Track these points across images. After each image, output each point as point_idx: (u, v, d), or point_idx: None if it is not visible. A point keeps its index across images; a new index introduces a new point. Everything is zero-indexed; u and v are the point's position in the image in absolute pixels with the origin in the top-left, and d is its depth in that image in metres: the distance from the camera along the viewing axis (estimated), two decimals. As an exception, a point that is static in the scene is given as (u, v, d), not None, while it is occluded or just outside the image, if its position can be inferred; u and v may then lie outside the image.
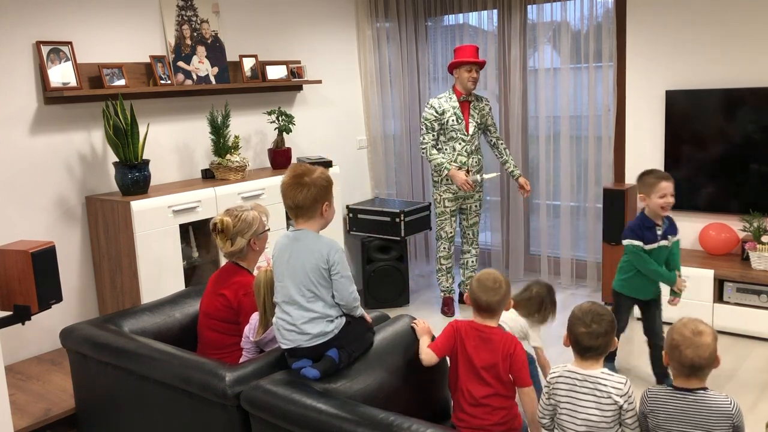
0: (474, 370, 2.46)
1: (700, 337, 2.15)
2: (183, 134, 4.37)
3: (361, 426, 1.98)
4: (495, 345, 2.45)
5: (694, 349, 2.13)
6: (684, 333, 2.17)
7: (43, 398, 3.16)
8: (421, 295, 5.39)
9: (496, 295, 2.49)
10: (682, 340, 2.16)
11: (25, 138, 3.64)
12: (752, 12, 4.37)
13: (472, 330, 2.51)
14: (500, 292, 2.50)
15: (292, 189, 2.38)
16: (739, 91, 4.43)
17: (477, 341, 2.47)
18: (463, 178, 4.59)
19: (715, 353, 2.16)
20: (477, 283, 2.53)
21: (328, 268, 2.34)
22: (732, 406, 2.12)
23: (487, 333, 2.48)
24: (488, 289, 2.49)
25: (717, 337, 2.19)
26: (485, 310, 2.50)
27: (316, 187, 2.37)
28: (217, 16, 4.49)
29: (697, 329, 2.16)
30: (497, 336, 2.48)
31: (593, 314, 2.26)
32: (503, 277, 2.56)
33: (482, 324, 2.51)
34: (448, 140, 4.70)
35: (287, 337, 2.37)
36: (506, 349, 2.44)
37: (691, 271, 4.35)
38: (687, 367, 2.16)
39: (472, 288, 2.55)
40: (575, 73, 5.20)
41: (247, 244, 2.83)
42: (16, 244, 2.82)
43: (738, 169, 4.49)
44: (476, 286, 2.53)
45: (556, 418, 2.29)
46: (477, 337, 2.48)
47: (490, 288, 2.49)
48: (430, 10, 5.84)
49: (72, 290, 3.86)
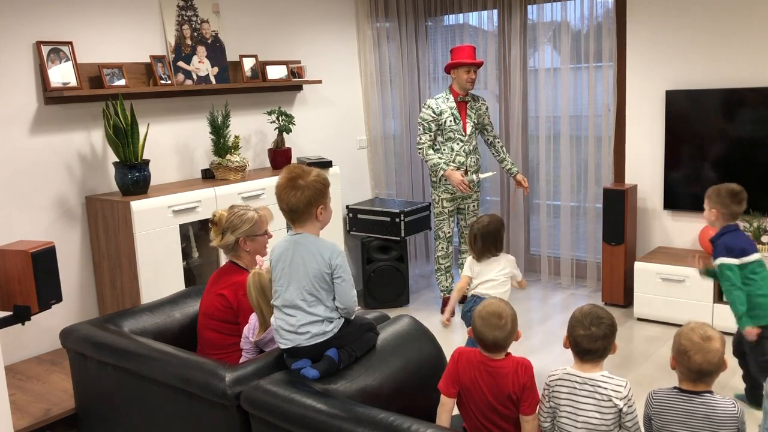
0: (485, 403, 2.32)
1: (709, 342, 2.13)
2: (183, 134, 4.37)
3: (361, 426, 1.98)
4: (506, 378, 2.29)
5: (703, 354, 2.12)
6: (692, 338, 2.15)
7: (43, 398, 3.16)
8: (421, 295, 5.39)
9: (502, 332, 2.30)
10: (690, 345, 2.14)
11: (25, 138, 3.64)
12: (752, 12, 4.37)
13: (479, 364, 2.34)
14: (506, 328, 2.30)
15: (286, 192, 2.34)
16: (739, 91, 4.43)
17: (486, 376, 2.31)
18: (459, 179, 4.58)
19: (723, 357, 2.15)
20: (481, 321, 2.32)
21: (331, 273, 2.33)
22: (737, 411, 2.11)
23: (495, 367, 2.32)
24: (493, 326, 2.30)
25: (725, 341, 2.18)
26: (492, 347, 2.33)
27: (310, 190, 2.33)
28: (217, 16, 4.49)
29: (706, 334, 2.15)
30: (508, 368, 2.31)
31: (593, 317, 2.24)
32: (508, 308, 2.36)
33: (490, 358, 2.34)
34: (446, 140, 4.70)
35: (286, 337, 2.36)
36: (520, 381, 2.28)
37: (691, 271, 4.35)
38: (695, 372, 2.15)
39: (475, 325, 2.35)
40: (575, 73, 5.20)
41: (235, 241, 2.82)
42: (16, 244, 2.82)
43: (738, 169, 4.49)
44: (480, 323, 2.32)
45: (556, 420, 2.28)
46: (485, 372, 2.32)
47: (495, 325, 2.30)
48: (430, 10, 5.84)
49: (72, 290, 3.86)
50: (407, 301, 5.18)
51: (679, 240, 4.86)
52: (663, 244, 4.92)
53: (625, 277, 4.80)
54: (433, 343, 2.65)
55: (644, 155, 4.91)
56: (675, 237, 4.87)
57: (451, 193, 4.77)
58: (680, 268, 4.41)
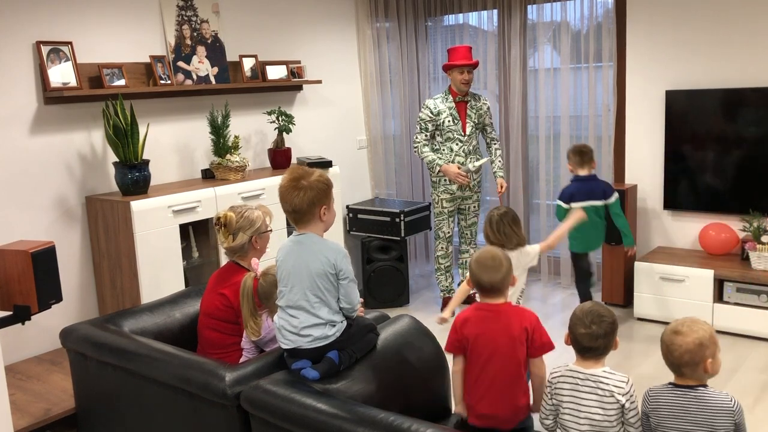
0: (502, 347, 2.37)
1: (675, 336, 2.14)
2: (183, 134, 4.37)
3: (361, 426, 1.98)
4: (510, 319, 2.36)
5: (667, 346, 2.16)
6: (666, 331, 2.18)
7: (43, 398, 3.16)
8: (421, 295, 5.39)
9: (498, 274, 2.41)
10: (664, 337, 2.18)
11: (25, 138, 3.64)
12: (752, 12, 4.37)
13: (479, 312, 2.41)
14: (502, 269, 2.42)
15: (289, 193, 2.34)
16: (739, 91, 4.43)
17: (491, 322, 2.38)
18: (456, 171, 4.61)
19: (696, 353, 2.11)
20: (476, 264, 2.43)
21: (336, 274, 2.33)
22: (733, 404, 2.11)
23: (497, 311, 2.40)
24: (488, 267, 2.40)
25: (709, 337, 2.13)
26: (489, 290, 2.42)
27: (313, 191, 2.34)
28: (217, 16, 4.49)
29: (676, 329, 2.16)
30: (511, 310, 2.39)
31: (594, 315, 2.25)
32: (502, 253, 2.47)
33: (490, 303, 2.42)
34: (445, 141, 4.71)
35: (288, 337, 2.36)
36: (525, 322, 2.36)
37: (691, 271, 4.35)
38: (669, 364, 2.18)
39: (471, 269, 2.45)
40: (575, 73, 5.20)
41: (248, 241, 2.84)
42: (16, 244, 2.82)
43: (738, 169, 4.49)
44: (475, 266, 2.43)
45: (558, 418, 2.29)
46: (488, 318, 2.39)
47: (491, 266, 2.40)
48: (430, 10, 5.84)
49: (72, 290, 3.86)
50: (407, 301, 5.18)
51: (679, 240, 4.86)
52: (663, 244, 4.92)
53: (626, 277, 4.80)
54: (433, 343, 2.65)
55: (644, 155, 4.91)
56: (675, 237, 4.87)
57: (451, 194, 4.77)
58: (680, 268, 4.41)
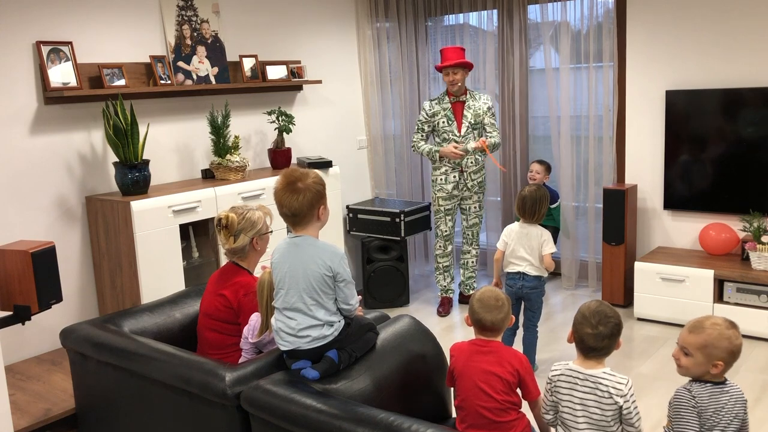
0: (480, 383, 2.39)
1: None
2: (183, 134, 4.37)
3: (361, 426, 1.98)
4: (501, 357, 2.41)
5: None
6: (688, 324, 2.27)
7: (43, 398, 3.16)
8: (421, 295, 5.39)
9: (500, 314, 2.45)
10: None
11: (25, 138, 3.64)
12: (752, 12, 4.37)
13: (474, 346, 2.46)
14: (504, 309, 2.46)
15: (287, 196, 2.34)
16: (739, 91, 4.43)
17: (481, 355, 2.43)
18: (451, 148, 4.66)
19: (699, 349, 2.18)
20: (479, 303, 2.47)
21: (333, 276, 2.33)
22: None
23: (490, 347, 2.44)
24: (492, 308, 2.44)
25: (720, 330, 2.17)
26: (490, 329, 2.46)
27: (311, 192, 2.34)
28: (217, 16, 4.49)
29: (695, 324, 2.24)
30: (503, 349, 2.44)
31: (600, 316, 2.26)
32: (503, 294, 2.53)
33: (486, 340, 2.46)
34: (441, 142, 4.73)
35: (286, 339, 2.36)
36: (514, 365, 2.39)
37: (691, 271, 4.35)
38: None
39: (473, 308, 2.49)
40: (575, 73, 5.20)
41: (249, 242, 2.84)
42: (16, 244, 2.82)
43: (738, 169, 4.49)
44: (478, 306, 2.47)
45: (558, 414, 2.30)
46: (480, 352, 2.43)
47: (494, 307, 2.45)
48: (430, 10, 5.84)
49: (72, 290, 3.86)
50: (407, 301, 5.18)
51: (679, 240, 4.86)
52: (663, 244, 4.92)
53: (626, 277, 4.80)
54: (433, 343, 2.65)
55: (644, 155, 4.91)
56: (675, 237, 4.88)
57: (447, 192, 4.77)
58: (680, 268, 4.41)
